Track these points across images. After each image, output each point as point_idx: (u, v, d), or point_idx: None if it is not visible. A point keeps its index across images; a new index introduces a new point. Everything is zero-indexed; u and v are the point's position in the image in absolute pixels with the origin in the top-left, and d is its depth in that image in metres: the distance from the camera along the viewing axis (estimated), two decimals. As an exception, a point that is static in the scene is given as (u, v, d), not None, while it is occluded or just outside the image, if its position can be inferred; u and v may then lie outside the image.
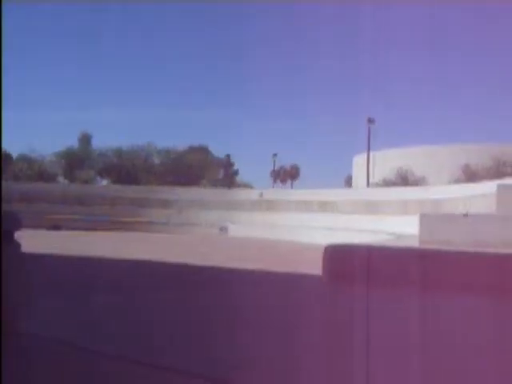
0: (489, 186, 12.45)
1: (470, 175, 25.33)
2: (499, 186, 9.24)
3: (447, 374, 3.25)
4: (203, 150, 46.02)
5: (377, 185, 29.39)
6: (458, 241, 7.58)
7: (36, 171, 31.61)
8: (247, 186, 37.46)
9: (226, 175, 36.83)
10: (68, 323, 4.44)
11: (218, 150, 45.57)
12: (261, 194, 27.29)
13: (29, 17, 56.44)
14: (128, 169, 34.36)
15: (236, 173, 47.43)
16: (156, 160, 38.21)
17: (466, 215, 8.07)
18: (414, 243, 8.11)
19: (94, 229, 23.16)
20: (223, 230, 25.12)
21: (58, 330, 4.14)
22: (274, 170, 39.56)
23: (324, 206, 23.85)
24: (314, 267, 7.70)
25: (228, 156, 45.73)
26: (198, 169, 37.24)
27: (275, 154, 43.65)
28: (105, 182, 35.80)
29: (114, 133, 72.44)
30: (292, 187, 35.48)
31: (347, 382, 3.05)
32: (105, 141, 68.33)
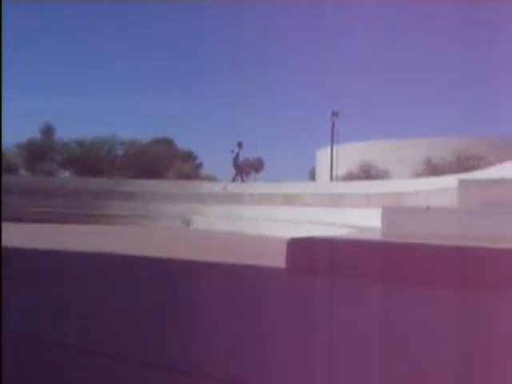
0: (451, 180, 12.60)
1: (433, 169, 25.61)
2: (460, 180, 9.34)
3: (410, 365, 3.28)
4: (167, 142, 45.84)
5: (340, 178, 29.60)
6: (419, 233, 7.65)
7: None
8: (212, 178, 37.39)
9: (190, 168, 36.64)
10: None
11: (182, 142, 45.50)
12: (225, 188, 27.27)
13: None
14: (91, 161, 34.03)
15: (200, 165, 47.37)
16: (119, 152, 37.91)
17: (427, 208, 8.14)
18: (377, 236, 8.17)
19: (56, 221, 22.95)
20: (187, 222, 25.04)
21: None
22: (237, 163, 39.46)
23: (288, 199, 23.92)
24: (277, 260, 7.71)
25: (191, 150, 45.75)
26: (162, 161, 37.04)
27: (239, 146, 43.61)
28: (67, 174, 35.44)
29: (77, 124, 71.83)
30: (256, 180, 35.48)
31: (309, 375, 3.06)
32: (68, 132, 67.80)
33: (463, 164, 24.95)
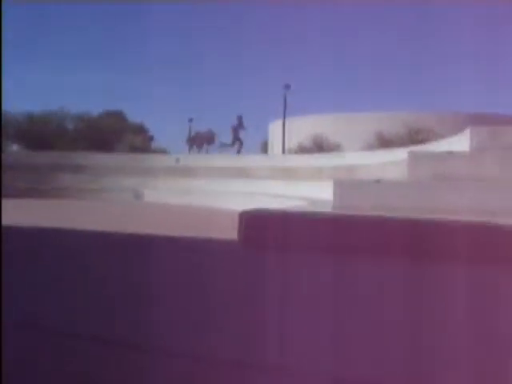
0: (401, 153, 12.74)
1: (384, 142, 25.87)
2: (410, 153, 9.44)
3: (361, 331, 3.31)
4: (118, 116, 45.30)
5: (293, 151, 29.70)
6: (370, 206, 7.72)
7: None
8: (163, 151, 37.15)
9: (141, 141, 36.31)
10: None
11: (133, 116, 45.07)
12: (177, 160, 27.12)
13: None
14: (40, 134, 33.44)
15: (151, 138, 46.96)
16: (69, 125, 37.37)
17: (378, 181, 8.21)
18: (328, 208, 8.22)
19: (5, 196, 22.57)
20: (138, 196, 24.87)
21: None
22: (189, 136, 39.28)
23: (241, 172, 23.92)
24: (230, 233, 7.71)
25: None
26: (113, 134, 36.64)
27: (191, 120, 43.37)
28: (15, 148, 34.80)
29: (26, 99, 70.48)
30: (208, 153, 35.37)
31: (261, 344, 3.07)
32: (15, 105, 66.43)
33: (414, 137, 25.25)
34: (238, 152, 30.94)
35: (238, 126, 32.06)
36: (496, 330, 3.48)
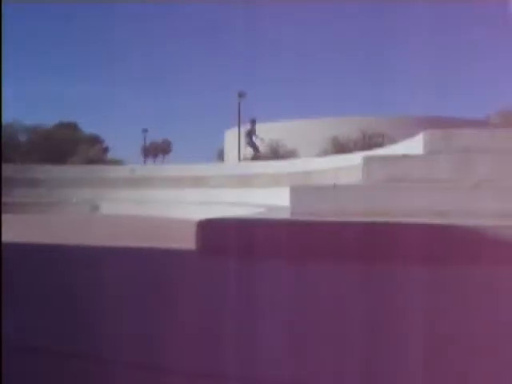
0: (356, 158, 12.84)
1: (339, 147, 26.10)
2: (365, 158, 9.53)
3: (321, 338, 3.33)
4: (72, 127, 44.87)
5: (249, 158, 29.73)
6: (327, 211, 7.77)
7: None
8: (118, 162, 36.89)
9: (96, 152, 36.00)
10: None
11: (87, 127, 44.72)
12: (132, 170, 26.92)
13: None
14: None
15: (107, 149, 46.61)
16: (22, 138, 36.88)
17: (334, 186, 8.27)
18: (286, 215, 8.25)
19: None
20: (95, 208, 24.61)
21: None
22: (144, 146, 39.12)
23: (197, 181, 23.85)
24: (187, 242, 7.68)
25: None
26: (68, 146, 36.27)
27: (146, 130, 43.20)
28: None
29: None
30: (164, 163, 35.22)
31: (219, 355, 3.06)
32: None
33: (368, 141, 25.53)
34: (253, 159, 27.71)
35: (251, 131, 29.26)
36: (451, 330, 3.53)
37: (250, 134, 29.04)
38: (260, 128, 38.05)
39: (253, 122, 29.31)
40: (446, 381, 2.68)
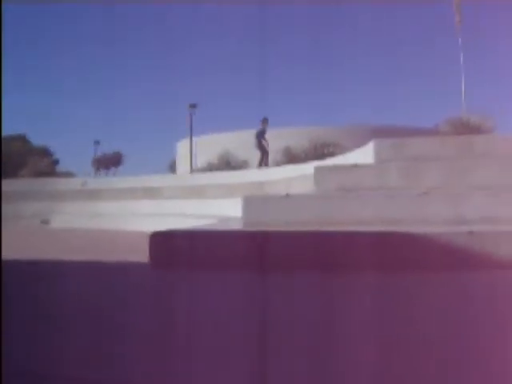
0: (308, 168, 12.92)
1: (291, 157, 26.19)
2: (316, 168, 9.60)
3: (268, 350, 3.32)
4: (21, 139, 44.21)
5: (201, 169, 29.67)
6: (279, 221, 7.80)
7: None
8: (70, 175, 36.44)
9: (46, 164, 35.48)
10: None
11: (36, 139, 44.14)
12: (84, 183, 26.62)
13: None
14: None
15: (57, 162, 46.02)
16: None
17: (286, 196, 8.30)
18: (239, 225, 8.24)
19: None
20: (45, 221, 24.24)
21: None
22: (95, 158, 38.75)
23: (149, 193, 23.69)
24: (140, 255, 7.61)
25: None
26: (17, 159, 35.70)
27: (97, 142, 42.79)
28: None
29: None
30: (116, 175, 34.93)
31: (171, 368, 3.03)
32: None
33: (320, 151, 25.69)
34: (261, 165, 24.20)
35: (262, 132, 25.04)
36: (399, 335, 3.56)
37: (261, 135, 24.97)
38: (212, 139, 38.06)
39: (264, 121, 25.14)
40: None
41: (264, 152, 24.85)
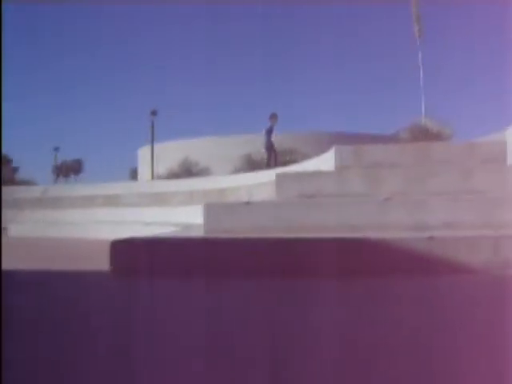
0: (269, 175, 12.95)
1: (252, 165, 26.22)
2: (277, 174, 9.63)
3: (230, 359, 3.30)
4: (-22, 147, 43.47)
5: (162, 177, 29.55)
6: (241, 228, 7.80)
7: None
8: (29, 182, 35.97)
9: (4, 172, 34.98)
10: None
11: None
12: (44, 191, 26.31)
13: None
14: None
15: (16, 169, 45.42)
16: None
17: (247, 203, 8.30)
18: (200, 233, 8.22)
19: None
20: (3, 230, 23.87)
21: None
22: (55, 166, 38.32)
23: (110, 200, 23.50)
24: (101, 263, 7.54)
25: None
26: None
27: (57, 149, 42.33)
28: None
29: None
30: (76, 182, 34.61)
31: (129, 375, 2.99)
32: None
33: (281, 158, 25.76)
34: (270, 165, 21.42)
35: (271, 129, 22.19)
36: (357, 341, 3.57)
37: (269, 133, 22.25)
38: (173, 146, 37.95)
39: (273, 117, 22.22)
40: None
41: (272, 151, 22.58)
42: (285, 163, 21.70)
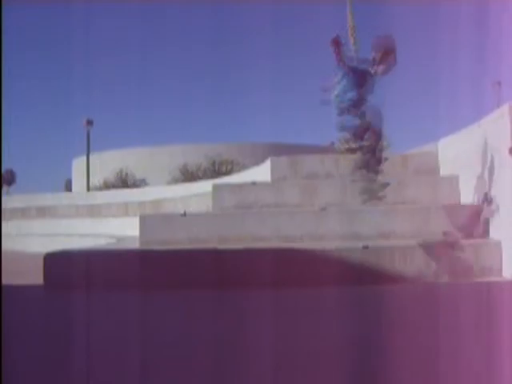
0: (206, 185, 12.93)
1: (189, 175, 26.14)
2: (214, 185, 9.61)
3: (173, 370, 3.28)
4: None
5: (97, 188, 29.17)
6: (177, 239, 7.76)
7: None
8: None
9: None
10: None
11: None
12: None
13: None
14: None
15: None
16: None
17: (183, 214, 8.26)
18: (135, 245, 8.14)
19: None
20: None
21: None
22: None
23: (43, 212, 23.06)
24: (33, 277, 7.38)
25: None
26: None
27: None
28: None
29: None
30: (8, 193, 33.82)
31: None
32: None
33: (217, 169, 25.78)
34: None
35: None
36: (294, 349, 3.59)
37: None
38: (109, 156, 37.46)
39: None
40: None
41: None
42: (221, 174, 21.75)
